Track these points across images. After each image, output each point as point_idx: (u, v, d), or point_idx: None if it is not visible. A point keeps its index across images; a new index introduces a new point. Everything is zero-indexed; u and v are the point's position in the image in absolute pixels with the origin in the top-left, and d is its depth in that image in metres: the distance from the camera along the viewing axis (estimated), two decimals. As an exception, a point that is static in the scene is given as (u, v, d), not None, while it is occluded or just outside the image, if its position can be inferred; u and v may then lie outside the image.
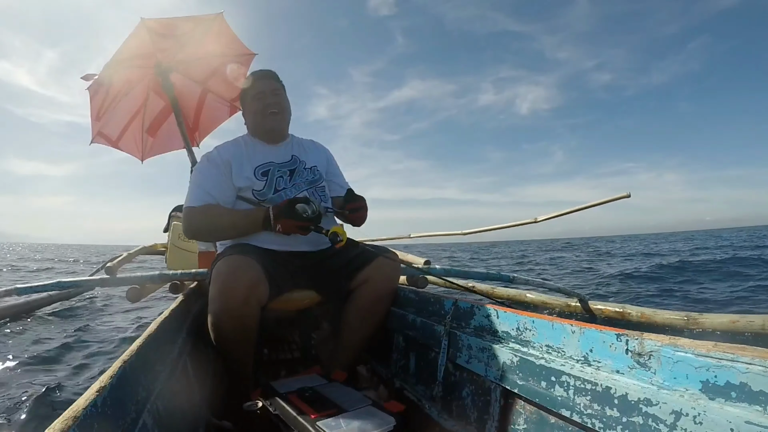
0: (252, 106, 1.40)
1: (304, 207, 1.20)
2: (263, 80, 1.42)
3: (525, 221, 3.50)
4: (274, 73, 1.45)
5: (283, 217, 1.19)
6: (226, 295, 1.06)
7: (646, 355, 0.61)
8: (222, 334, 1.12)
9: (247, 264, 1.09)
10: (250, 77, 1.45)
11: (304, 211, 1.20)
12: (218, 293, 1.07)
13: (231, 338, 1.13)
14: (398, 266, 1.33)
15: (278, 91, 1.42)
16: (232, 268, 1.08)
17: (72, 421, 0.44)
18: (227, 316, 1.08)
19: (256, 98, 1.40)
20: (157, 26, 2.45)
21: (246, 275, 1.07)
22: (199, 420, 0.98)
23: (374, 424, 0.89)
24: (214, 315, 1.09)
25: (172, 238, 3.26)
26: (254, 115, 1.41)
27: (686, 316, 2.29)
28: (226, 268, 1.08)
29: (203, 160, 1.38)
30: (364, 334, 1.30)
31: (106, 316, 3.30)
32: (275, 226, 1.20)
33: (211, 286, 1.09)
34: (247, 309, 1.09)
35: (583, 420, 0.66)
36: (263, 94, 1.39)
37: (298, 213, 1.19)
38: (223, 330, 1.11)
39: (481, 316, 0.97)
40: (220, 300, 1.07)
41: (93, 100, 2.46)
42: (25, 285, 1.49)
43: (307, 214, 1.20)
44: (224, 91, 3.04)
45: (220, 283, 1.07)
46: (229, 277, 1.06)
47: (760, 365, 0.48)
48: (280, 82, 1.45)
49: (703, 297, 3.86)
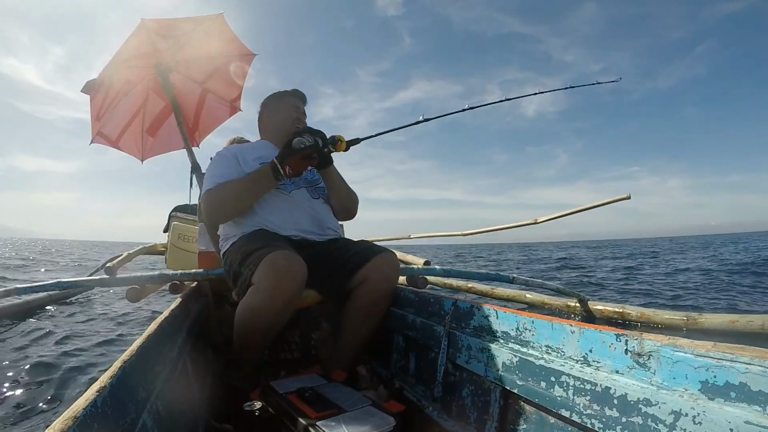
0: (289, 113, 1.51)
1: (300, 140, 1.23)
2: (299, 99, 1.56)
3: (526, 222, 3.50)
4: (306, 99, 1.59)
5: (287, 158, 1.23)
6: (280, 288, 1.06)
7: (645, 356, 0.61)
8: (257, 324, 1.12)
9: (299, 261, 1.10)
10: (291, 91, 1.57)
11: (301, 143, 1.23)
12: (273, 285, 1.06)
13: (263, 331, 1.14)
14: (397, 265, 1.33)
15: (305, 115, 1.56)
16: (290, 262, 1.08)
17: (72, 421, 0.44)
18: (273, 306, 1.08)
19: (292, 108, 1.52)
20: (157, 27, 2.45)
21: (301, 271, 1.09)
22: (199, 420, 0.98)
23: (374, 424, 0.89)
24: (259, 303, 1.08)
25: (172, 238, 3.26)
26: (287, 121, 1.50)
27: (686, 316, 2.29)
28: (284, 261, 1.07)
29: (215, 156, 1.48)
30: (363, 334, 1.30)
31: (105, 315, 3.30)
32: (285, 171, 1.24)
33: (263, 277, 1.07)
34: (291, 306, 1.12)
35: (582, 420, 0.66)
36: (298, 108, 1.54)
37: (297, 148, 1.22)
38: (260, 321, 1.11)
39: (481, 317, 0.97)
40: (273, 291, 1.06)
41: (93, 100, 2.46)
42: (25, 285, 1.49)
43: (304, 144, 1.23)
44: (224, 92, 3.04)
45: (277, 277, 1.06)
46: (287, 271, 1.06)
47: (759, 365, 0.49)
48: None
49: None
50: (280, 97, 1.55)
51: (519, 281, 2.22)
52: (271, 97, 1.58)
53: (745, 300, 3.77)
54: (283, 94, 1.56)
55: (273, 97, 1.57)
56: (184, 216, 3.40)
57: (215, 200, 1.34)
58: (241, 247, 1.25)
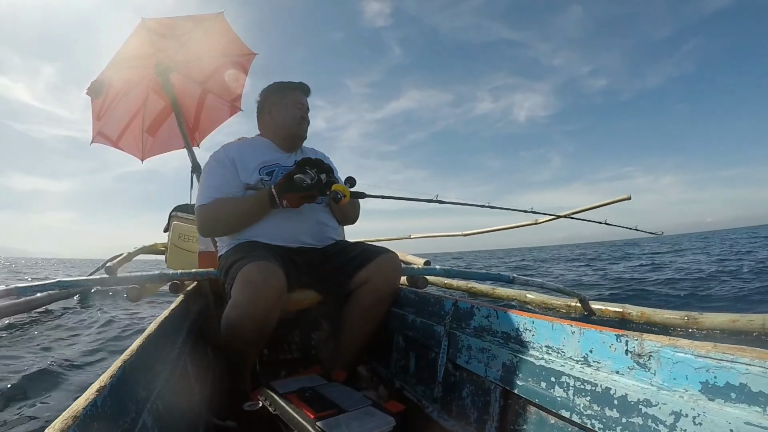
0: (290, 111, 1.43)
1: (302, 177, 1.21)
2: (303, 93, 1.47)
3: (525, 223, 3.51)
4: (310, 90, 1.49)
5: (285, 192, 1.21)
6: (255, 303, 1.05)
7: (645, 356, 0.61)
8: (239, 337, 1.11)
9: (276, 272, 1.08)
10: (289, 84, 1.47)
11: (302, 181, 1.21)
12: (247, 300, 1.05)
13: (246, 342, 1.13)
14: (398, 266, 1.33)
15: (308, 109, 1.47)
16: (264, 275, 1.06)
17: (72, 420, 0.44)
18: (251, 321, 1.07)
19: (296, 106, 1.43)
20: (158, 26, 2.45)
21: (277, 283, 1.07)
22: (199, 420, 0.98)
23: (374, 424, 0.89)
24: (236, 319, 1.08)
25: (172, 238, 3.27)
26: (289, 119, 1.43)
27: (686, 315, 2.29)
28: (258, 275, 1.06)
29: (210, 160, 1.41)
30: (364, 335, 1.30)
31: (105, 315, 3.30)
32: (282, 202, 1.22)
33: (238, 291, 1.07)
34: (272, 316, 1.10)
35: (582, 420, 0.66)
36: (302, 105, 1.45)
37: (297, 185, 1.20)
38: (241, 334, 1.10)
39: (481, 317, 0.97)
40: (247, 306, 1.06)
41: (93, 100, 2.46)
42: (25, 284, 1.49)
43: (306, 183, 1.21)
44: (224, 91, 3.04)
45: (251, 291, 1.05)
46: (261, 285, 1.05)
47: (759, 366, 0.48)
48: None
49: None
50: (284, 91, 1.45)
51: (519, 281, 2.22)
52: (273, 88, 1.47)
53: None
54: (286, 88, 1.46)
55: (275, 89, 1.47)
56: (184, 216, 3.40)
57: (209, 217, 1.32)
58: (230, 256, 1.24)
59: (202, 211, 1.33)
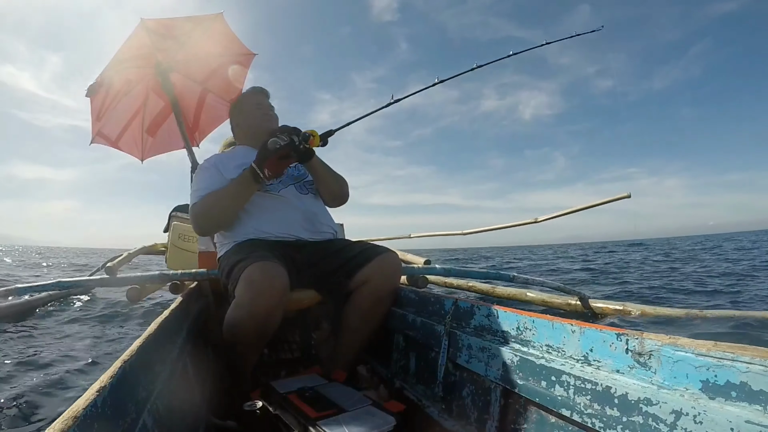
0: (253, 112, 1.54)
1: (275, 140, 1.22)
2: (262, 94, 1.58)
3: (525, 221, 3.50)
4: (268, 92, 1.60)
5: (264, 160, 1.22)
6: (258, 303, 1.06)
7: (646, 355, 0.61)
8: (242, 338, 1.11)
9: (279, 272, 1.08)
10: (249, 91, 1.61)
11: (276, 143, 1.22)
12: (250, 300, 1.06)
13: (249, 342, 1.14)
14: (399, 266, 1.33)
15: (272, 107, 1.58)
16: (268, 276, 1.06)
17: (72, 421, 0.44)
18: (254, 322, 1.08)
19: (258, 107, 1.54)
20: (157, 26, 2.45)
21: (281, 284, 1.08)
22: (199, 420, 0.98)
23: (374, 424, 0.89)
24: (239, 319, 1.08)
25: (172, 238, 3.26)
26: (255, 119, 1.53)
27: (686, 313, 2.29)
28: (261, 275, 1.06)
29: (198, 169, 1.48)
30: (364, 334, 1.30)
31: (106, 315, 3.30)
32: (265, 173, 1.23)
33: (242, 292, 1.07)
34: (275, 316, 1.10)
35: (583, 419, 0.66)
36: (262, 104, 1.55)
37: (272, 149, 1.21)
38: (244, 335, 1.10)
39: (481, 316, 0.97)
40: (251, 306, 1.06)
41: (93, 100, 2.46)
42: (25, 285, 1.49)
43: (279, 144, 1.21)
44: (224, 91, 3.04)
45: (255, 291, 1.05)
46: (264, 285, 1.06)
47: (760, 365, 0.48)
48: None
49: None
50: (240, 101, 1.60)
51: (519, 280, 2.22)
52: (233, 105, 1.63)
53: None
54: (242, 97, 1.61)
55: (234, 104, 1.63)
56: (184, 216, 3.39)
57: (201, 213, 1.34)
58: (230, 257, 1.25)
59: (194, 209, 1.35)
